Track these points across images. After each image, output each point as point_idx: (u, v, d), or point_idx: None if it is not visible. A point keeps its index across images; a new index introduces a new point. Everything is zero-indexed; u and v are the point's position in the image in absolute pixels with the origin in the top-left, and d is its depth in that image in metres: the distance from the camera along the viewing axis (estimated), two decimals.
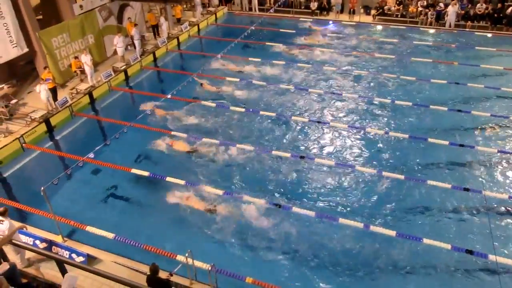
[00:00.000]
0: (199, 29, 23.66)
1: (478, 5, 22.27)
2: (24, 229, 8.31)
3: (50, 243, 8.91)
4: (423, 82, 16.89)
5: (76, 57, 16.76)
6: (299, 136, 13.73)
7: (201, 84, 16.25)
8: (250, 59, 19.25)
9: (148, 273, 7.25)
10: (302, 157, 12.49)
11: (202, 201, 10.62)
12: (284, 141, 13.48)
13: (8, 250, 7.97)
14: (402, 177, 11.34)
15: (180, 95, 14.62)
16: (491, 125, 13.99)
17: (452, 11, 22.06)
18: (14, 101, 14.94)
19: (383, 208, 10.62)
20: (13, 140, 12.93)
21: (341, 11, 24.89)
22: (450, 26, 22.37)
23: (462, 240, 9.52)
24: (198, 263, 8.14)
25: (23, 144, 13.17)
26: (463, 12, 22.42)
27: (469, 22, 22.27)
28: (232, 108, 15.15)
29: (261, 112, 14.82)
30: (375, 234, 9.57)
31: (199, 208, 10.45)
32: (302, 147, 13.15)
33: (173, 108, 14.95)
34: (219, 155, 12.57)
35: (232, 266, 8.56)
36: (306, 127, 14.19)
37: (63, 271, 7.27)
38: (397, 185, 11.26)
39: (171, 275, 7.56)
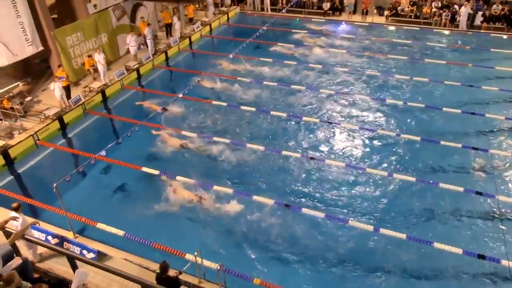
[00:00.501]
0: (211, 29, 23.74)
1: (494, 6, 21.92)
2: (37, 224, 8.43)
3: (62, 239, 9.01)
4: (437, 84, 16.68)
5: (89, 56, 16.96)
6: (310, 137, 13.68)
7: (198, 81, 16.09)
8: (261, 59, 19.25)
9: (158, 270, 7.29)
10: (312, 158, 12.44)
11: (211, 201, 10.65)
12: (295, 141, 13.44)
13: (20, 245, 8.10)
14: (413, 179, 11.23)
15: (191, 94, 14.69)
16: (506, 128, 13.75)
17: (464, 11, 21.76)
18: (28, 98, 15.17)
19: (393, 210, 10.52)
20: (27, 137, 13.13)
21: (354, 12, 24.72)
22: (462, 27, 22.07)
23: (474, 244, 9.38)
24: (206, 262, 8.16)
25: (37, 141, 13.38)
26: (480, 13, 22.04)
27: (484, 23, 21.94)
28: (242, 107, 15.16)
29: (272, 112, 14.81)
30: (385, 236, 9.48)
31: (208, 207, 10.49)
32: (313, 148, 13.09)
33: (184, 107, 15.04)
34: (229, 155, 12.59)
35: (240, 266, 8.55)
36: (317, 128, 14.13)
37: (74, 267, 7.36)
38: (408, 187, 11.16)
39: (180, 273, 7.59)
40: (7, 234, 7.57)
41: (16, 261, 6.87)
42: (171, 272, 7.40)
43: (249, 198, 10.63)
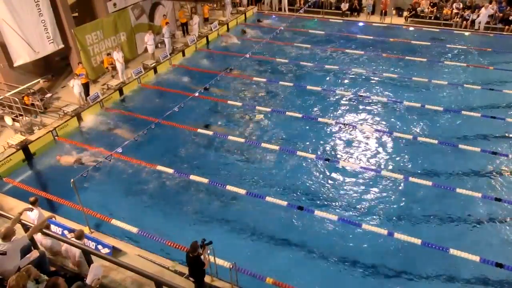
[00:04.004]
0: (228, 29, 23.80)
1: None
2: (53, 218, 8.59)
3: None
4: (456, 87, 16.37)
5: (108, 54, 17.20)
6: (325, 138, 13.59)
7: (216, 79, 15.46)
8: (277, 59, 19.23)
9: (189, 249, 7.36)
10: (327, 160, 12.37)
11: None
12: (309, 142, 13.37)
13: (38, 238, 8.25)
14: (429, 183, 11.00)
15: (207, 93, 14.78)
16: None
17: (484, 13, 21.28)
18: (48, 95, 15.48)
19: (408, 215, 10.37)
20: (47, 133, 13.42)
21: (372, 13, 24.43)
22: (480, 28, 21.61)
23: (492, 252, 9.14)
24: (219, 261, 8.19)
25: (56, 137, 13.65)
26: (501, 15, 21.54)
27: (507, 26, 21.40)
28: (258, 107, 15.17)
29: (287, 113, 14.77)
30: (399, 241, 9.33)
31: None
32: (327, 149, 13.02)
33: (201, 106, 15.12)
34: (243, 155, 12.61)
35: (252, 265, 8.56)
36: (332, 129, 14.02)
37: (89, 262, 7.47)
38: (424, 192, 10.96)
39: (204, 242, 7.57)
40: (26, 228, 7.74)
41: (34, 254, 7.02)
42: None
43: (262, 198, 10.62)
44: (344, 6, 24.83)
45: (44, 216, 8.25)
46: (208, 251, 7.48)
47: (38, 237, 7.90)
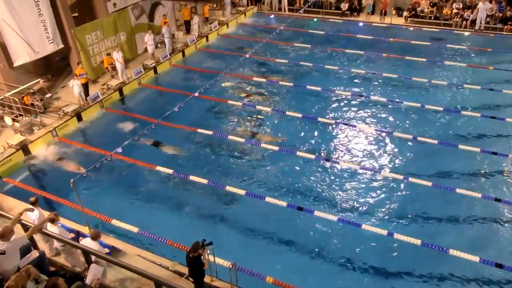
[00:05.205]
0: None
1: None
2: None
3: (78, 234, 9.17)
4: (456, 87, 16.36)
5: (108, 54, 17.20)
6: (325, 138, 13.59)
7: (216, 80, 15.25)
8: (277, 60, 19.23)
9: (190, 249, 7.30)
10: (327, 160, 12.37)
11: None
12: (309, 142, 13.37)
13: (38, 239, 8.27)
14: (429, 183, 11.00)
15: (207, 93, 14.77)
16: None
17: (482, 7, 21.20)
18: (48, 95, 15.48)
19: (408, 215, 10.37)
20: (47, 133, 13.42)
21: (372, 13, 24.42)
22: (480, 26, 21.57)
23: (492, 252, 9.14)
24: (219, 260, 8.19)
25: (56, 137, 13.65)
26: (501, 15, 21.53)
27: (506, 26, 21.39)
28: (258, 107, 15.17)
29: (287, 113, 14.77)
30: (399, 241, 9.33)
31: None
32: (327, 149, 13.01)
33: (200, 106, 15.12)
34: (243, 155, 12.60)
35: (252, 265, 8.56)
36: (332, 129, 14.03)
37: (89, 262, 7.48)
38: (424, 192, 10.96)
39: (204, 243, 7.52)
40: (26, 228, 7.74)
41: (34, 254, 7.03)
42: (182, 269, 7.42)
43: (261, 198, 10.61)
44: (344, 6, 24.82)
45: (44, 216, 8.25)
46: (208, 252, 7.48)
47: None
